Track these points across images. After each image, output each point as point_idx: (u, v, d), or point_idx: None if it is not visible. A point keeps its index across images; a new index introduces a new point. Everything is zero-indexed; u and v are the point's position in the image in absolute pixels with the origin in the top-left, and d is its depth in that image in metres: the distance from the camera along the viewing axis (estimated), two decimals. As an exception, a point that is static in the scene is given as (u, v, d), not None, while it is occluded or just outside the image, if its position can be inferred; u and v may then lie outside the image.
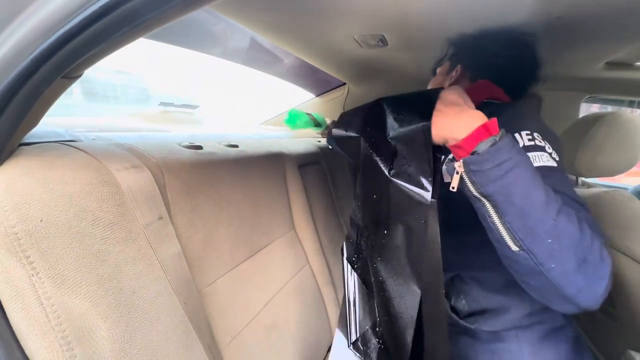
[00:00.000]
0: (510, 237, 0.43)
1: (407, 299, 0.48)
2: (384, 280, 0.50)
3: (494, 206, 0.43)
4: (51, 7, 0.30)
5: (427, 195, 0.46)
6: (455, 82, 0.73)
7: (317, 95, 1.44)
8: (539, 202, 0.41)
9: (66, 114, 0.73)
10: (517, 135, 0.52)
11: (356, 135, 0.58)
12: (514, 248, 0.43)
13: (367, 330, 0.57)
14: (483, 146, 0.43)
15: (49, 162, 0.36)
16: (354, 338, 0.57)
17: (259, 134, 1.19)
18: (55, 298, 0.32)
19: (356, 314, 0.58)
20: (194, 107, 1.15)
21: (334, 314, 0.92)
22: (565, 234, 0.41)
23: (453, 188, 0.46)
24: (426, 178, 0.46)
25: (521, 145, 0.51)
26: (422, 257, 0.47)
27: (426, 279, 0.47)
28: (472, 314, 0.64)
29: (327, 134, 1.39)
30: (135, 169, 0.45)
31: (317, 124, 1.24)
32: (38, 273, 0.32)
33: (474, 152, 0.44)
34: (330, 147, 1.31)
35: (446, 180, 0.53)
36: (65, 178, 0.36)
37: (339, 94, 1.40)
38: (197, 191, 0.56)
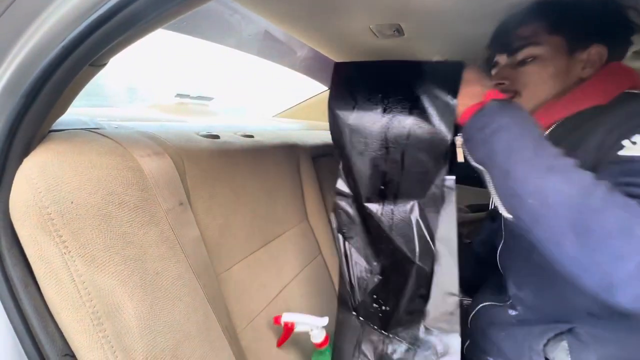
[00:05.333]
0: (502, 203, 0.41)
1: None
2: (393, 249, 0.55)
3: (487, 174, 0.43)
4: (80, -4, 0.31)
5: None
6: (592, 69, 0.52)
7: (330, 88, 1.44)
8: (523, 159, 0.38)
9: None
10: None
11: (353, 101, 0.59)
12: (507, 215, 0.41)
13: (367, 296, 0.60)
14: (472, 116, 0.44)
15: (78, 148, 0.38)
16: (355, 304, 0.61)
17: (273, 125, 1.20)
18: (85, 275, 0.34)
19: (354, 282, 0.61)
20: (209, 98, 1.16)
21: (345, 304, 0.93)
22: (553, 193, 0.34)
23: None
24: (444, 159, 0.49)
25: None
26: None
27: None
28: None
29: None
30: (157, 155, 0.46)
31: None
32: (70, 252, 0.33)
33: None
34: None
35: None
36: (93, 162, 0.38)
37: (352, 86, 1.38)
38: (215, 179, 0.57)
